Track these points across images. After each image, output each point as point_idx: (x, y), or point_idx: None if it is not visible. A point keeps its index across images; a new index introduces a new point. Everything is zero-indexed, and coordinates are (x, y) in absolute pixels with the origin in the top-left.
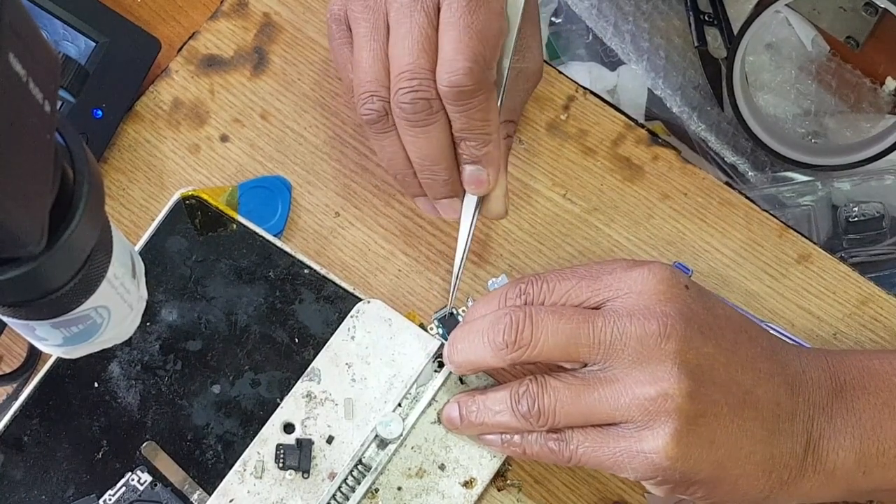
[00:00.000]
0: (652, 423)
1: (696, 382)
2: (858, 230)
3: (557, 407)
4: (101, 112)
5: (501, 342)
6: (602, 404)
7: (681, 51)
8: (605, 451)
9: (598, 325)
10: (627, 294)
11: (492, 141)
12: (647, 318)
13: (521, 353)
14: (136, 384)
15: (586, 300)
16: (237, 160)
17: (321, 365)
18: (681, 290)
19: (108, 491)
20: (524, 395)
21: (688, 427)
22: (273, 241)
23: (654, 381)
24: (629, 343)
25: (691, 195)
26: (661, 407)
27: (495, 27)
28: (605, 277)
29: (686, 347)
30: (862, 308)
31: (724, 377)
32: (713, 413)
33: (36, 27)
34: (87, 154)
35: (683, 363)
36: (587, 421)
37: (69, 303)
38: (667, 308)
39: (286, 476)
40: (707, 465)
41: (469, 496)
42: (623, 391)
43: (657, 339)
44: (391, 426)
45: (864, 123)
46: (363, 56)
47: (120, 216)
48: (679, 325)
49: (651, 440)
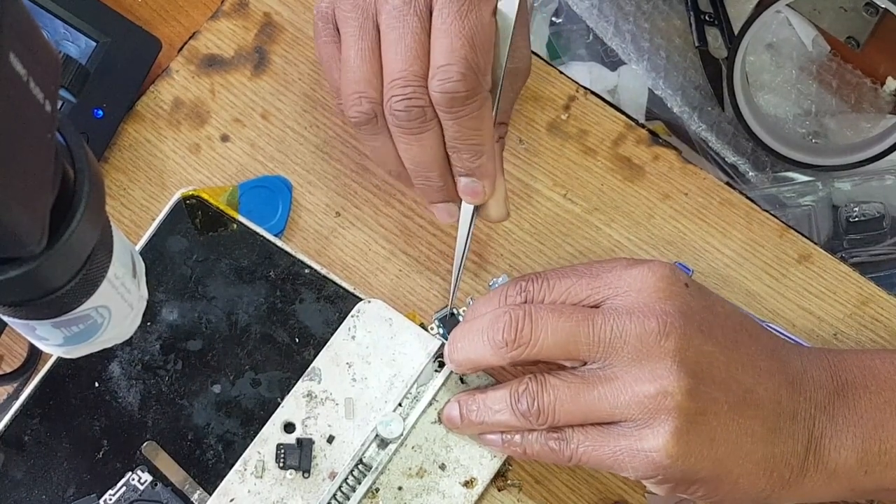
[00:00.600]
0: (652, 422)
1: (695, 380)
2: (859, 230)
3: (557, 405)
4: (101, 112)
5: (501, 340)
6: (602, 402)
7: (681, 51)
8: (605, 450)
9: (597, 323)
10: (627, 292)
11: (485, 152)
12: (646, 315)
13: (521, 352)
14: (136, 384)
15: (586, 298)
16: (238, 160)
17: (322, 364)
18: (681, 288)
19: (108, 490)
20: (524, 393)
21: (688, 425)
22: (273, 241)
23: (653, 378)
24: (629, 341)
25: (692, 195)
26: (661, 405)
27: (487, 33)
28: (606, 275)
29: (686, 345)
30: (862, 308)
31: (725, 375)
32: (713, 411)
33: (37, 27)
34: (87, 154)
35: (683, 361)
36: (587, 419)
37: (70, 302)
38: (666, 306)
39: (287, 475)
40: (707, 462)
41: (469, 496)
42: (623, 389)
43: (657, 337)
44: (392, 426)
45: (864, 123)
46: (351, 56)
47: (120, 216)
48: (679, 323)
49: (651, 438)
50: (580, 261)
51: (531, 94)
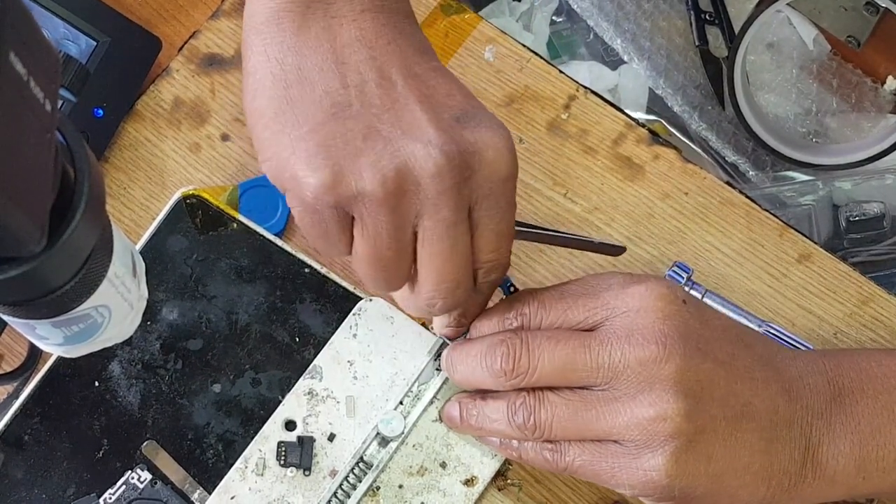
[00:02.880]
0: (651, 443)
1: (694, 400)
2: (859, 229)
3: (554, 422)
4: (101, 111)
5: (499, 370)
6: (599, 422)
7: (682, 50)
8: (602, 466)
9: (594, 350)
10: (626, 312)
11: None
12: (646, 339)
13: (521, 380)
14: (136, 383)
15: (584, 320)
16: (238, 159)
17: (323, 362)
18: (679, 307)
19: (108, 490)
20: (521, 407)
21: (686, 445)
22: (274, 240)
23: (652, 403)
24: (629, 365)
25: (692, 194)
26: (660, 428)
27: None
28: (603, 295)
29: (686, 367)
30: (863, 308)
31: (724, 391)
32: (712, 428)
33: (37, 26)
34: (87, 153)
35: (682, 383)
36: (583, 436)
37: (70, 302)
38: (665, 327)
39: (287, 473)
40: (704, 479)
41: (470, 494)
42: (621, 411)
43: (657, 362)
44: (392, 424)
45: (864, 123)
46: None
47: (121, 215)
48: (679, 346)
49: (649, 459)
50: (580, 261)
51: (531, 94)
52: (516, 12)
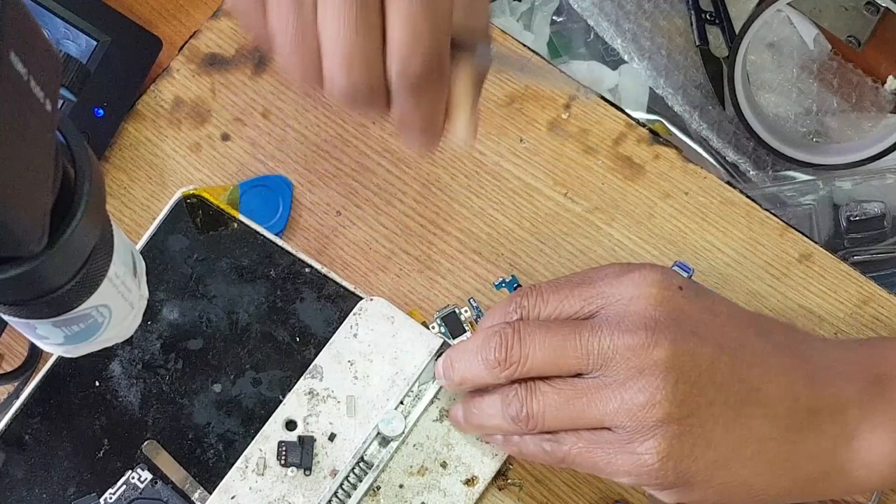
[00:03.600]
0: (641, 429)
1: (688, 385)
2: (860, 229)
3: (546, 411)
4: (102, 111)
5: (493, 360)
6: (591, 409)
7: (682, 50)
8: (598, 454)
9: (584, 337)
10: (619, 300)
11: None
12: (636, 325)
13: (514, 370)
14: (137, 383)
15: (580, 310)
16: (238, 159)
17: (323, 362)
18: (673, 293)
19: (108, 489)
20: (513, 399)
21: (679, 430)
22: (274, 240)
23: (641, 388)
24: (619, 352)
25: (692, 194)
26: (650, 414)
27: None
28: (598, 284)
29: (678, 351)
30: (863, 307)
31: (727, 376)
32: (709, 414)
33: (37, 26)
34: (88, 153)
35: (674, 368)
36: (576, 425)
37: (70, 301)
38: (656, 313)
39: (288, 473)
40: (704, 464)
41: (471, 494)
42: (611, 397)
43: (646, 348)
44: (393, 424)
45: (865, 122)
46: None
47: (121, 215)
48: (669, 331)
49: (642, 444)
50: (581, 260)
51: (532, 94)
52: (517, 12)
